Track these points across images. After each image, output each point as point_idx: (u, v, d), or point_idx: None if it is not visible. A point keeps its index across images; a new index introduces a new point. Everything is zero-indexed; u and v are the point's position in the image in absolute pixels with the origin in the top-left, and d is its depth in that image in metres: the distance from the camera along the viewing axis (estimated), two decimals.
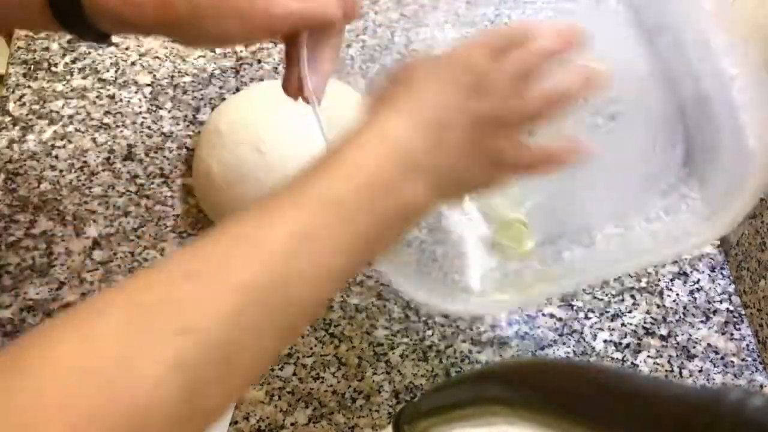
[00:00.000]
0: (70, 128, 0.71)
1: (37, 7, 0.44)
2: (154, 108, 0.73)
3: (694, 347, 0.62)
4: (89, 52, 0.76)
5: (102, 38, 0.47)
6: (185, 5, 0.43)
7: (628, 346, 0.62)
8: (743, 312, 0.64)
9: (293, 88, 0.47)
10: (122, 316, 0.31)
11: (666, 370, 0.61)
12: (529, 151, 0.45)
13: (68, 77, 0.74)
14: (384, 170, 0.40)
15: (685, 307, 0.64)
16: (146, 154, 0.70)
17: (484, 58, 0.44)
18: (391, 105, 0.42)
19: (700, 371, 0.61)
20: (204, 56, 0.76)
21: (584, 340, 0.62)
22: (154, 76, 0.75)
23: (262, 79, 0.75)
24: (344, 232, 0.38)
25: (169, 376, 0.30)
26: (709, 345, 0.62)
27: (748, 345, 0.62)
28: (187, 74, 0.75)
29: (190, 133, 0.71)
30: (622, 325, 0.63)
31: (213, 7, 0.44)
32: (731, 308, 0.64)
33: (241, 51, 0.77)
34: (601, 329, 0.63)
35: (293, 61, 0.47)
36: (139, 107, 0.73)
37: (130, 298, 0.32)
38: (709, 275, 0.66)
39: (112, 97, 0.73)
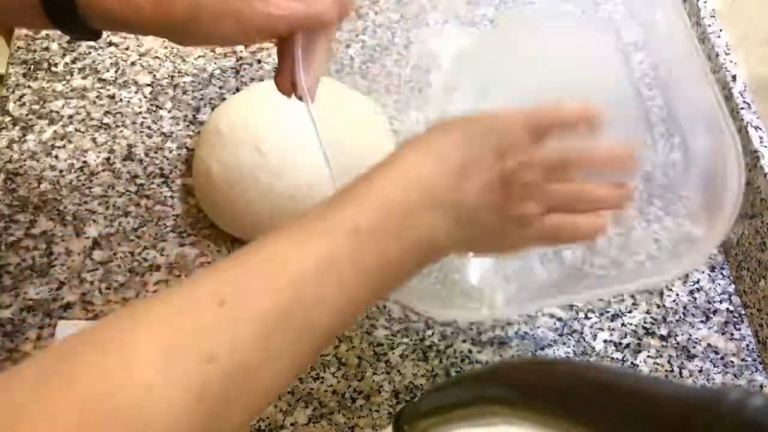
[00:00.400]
0: (70, 128, 0.71)
1: (29, 4, 0.44)
2: (154, 108, 0.73)
3: (694, 347, 0.62)
4: (89, 52, 0.76)
5: (94, 36, 0.47)
6: (184, 5, 0.43)
7: (628, 346, 0.62)
8: (743, 312, 0.64)
9: (286, 86, 0.48)
10: (154, 342, 0.33)
11: (666, 370, 0.61)
12: (552, 222, 0.46)
13: (68, 77, 0.74)
14: (408, 201, 0.41)
15: (685, 307, 0.64)
16: (146, 154, 0.70)
17: (522, 132, 0.45)
18: (420, 145, 0.44)
19: (700, 371, 0.61)
20: (204, 56, 0.76)
21: (584, 340, 0.62)
22: (154, 76, 0.75)
23: (262, 79, 0.75)
24: (369, 260, 0.39)
25: (195, 402, 0.32)
26: (709, 345, 0.62)
27: (748, 345, 0.62)
28: (187, 74, 0.75)
29: (190, 133, 0.71)
30: (622, 325, 0.63)
31: (212, 7, 0.43)
32: (731, 308, 0.64)
33: (241, 51, 0.77)
34: (601, 329, 0.63)
35: (286, 59, 0.47)
36: (139, 107, 0.73)
37: (164, 324, 0.34)
38: (709, 275, 0.66)
39: (112, 97, 0.73)
